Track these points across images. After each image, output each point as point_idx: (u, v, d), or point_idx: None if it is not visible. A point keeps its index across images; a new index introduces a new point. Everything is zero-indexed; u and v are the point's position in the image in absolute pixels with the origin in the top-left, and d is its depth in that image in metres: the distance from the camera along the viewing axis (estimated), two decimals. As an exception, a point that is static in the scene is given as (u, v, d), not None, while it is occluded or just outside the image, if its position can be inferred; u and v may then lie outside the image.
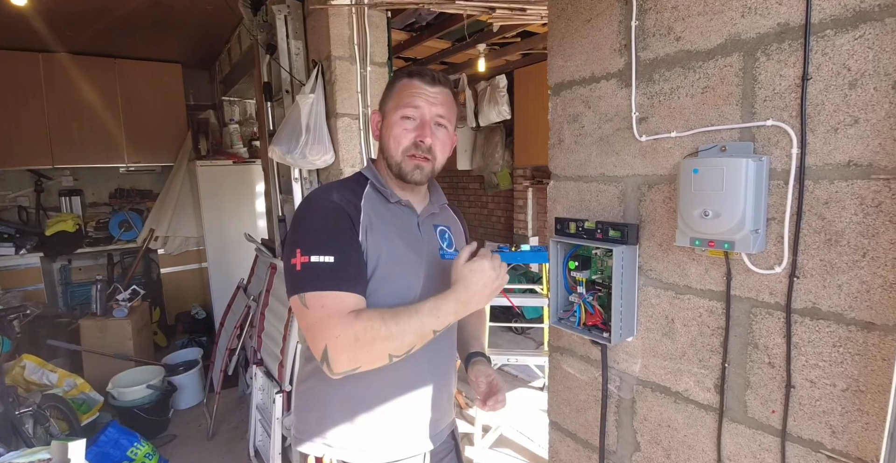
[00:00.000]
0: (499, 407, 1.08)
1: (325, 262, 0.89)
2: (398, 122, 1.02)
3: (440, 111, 1.03)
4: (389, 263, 0.98)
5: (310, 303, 0.88)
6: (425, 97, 1.01)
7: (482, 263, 0.92)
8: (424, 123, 1.01)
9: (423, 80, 1.02)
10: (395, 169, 1.04)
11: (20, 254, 4.06)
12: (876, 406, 0.74)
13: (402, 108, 1.01)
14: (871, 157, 0.71)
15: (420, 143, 1.01)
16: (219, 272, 4.20)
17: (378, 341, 0.85)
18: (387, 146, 1.04)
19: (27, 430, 2.23)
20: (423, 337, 0.90)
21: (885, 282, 0.71)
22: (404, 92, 1.02)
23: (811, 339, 0.80)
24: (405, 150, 1.02)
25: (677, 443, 1.03)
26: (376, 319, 0.86)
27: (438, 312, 0.89)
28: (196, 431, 3.05)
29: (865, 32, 0.70)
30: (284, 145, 2.16)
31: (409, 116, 1.01)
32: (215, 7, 3.30)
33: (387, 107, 1.06)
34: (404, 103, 1.01)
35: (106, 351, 3.34)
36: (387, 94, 1.08)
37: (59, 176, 4.61)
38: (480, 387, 1.10)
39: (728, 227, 0.82)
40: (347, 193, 1.02)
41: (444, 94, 1.04)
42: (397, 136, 1.02)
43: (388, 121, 1.04)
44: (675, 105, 0.95)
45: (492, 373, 1.13)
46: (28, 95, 4.06)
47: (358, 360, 0.87)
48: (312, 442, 1.04)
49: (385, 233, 1.00)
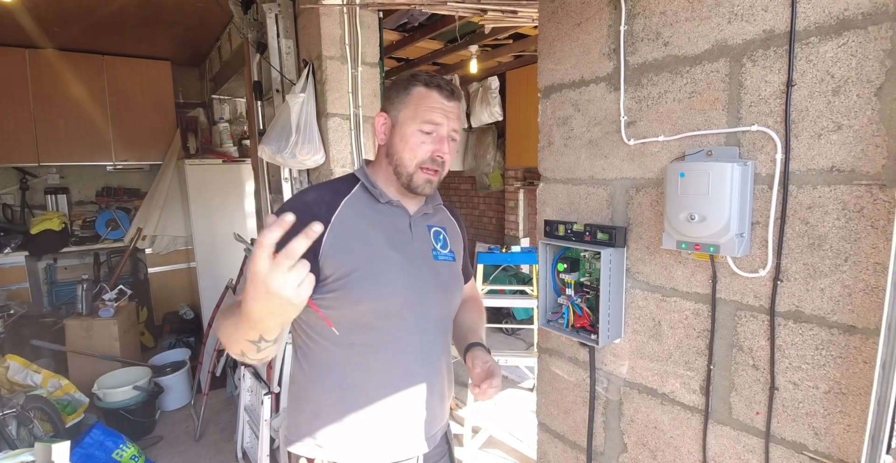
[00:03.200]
0: (492, 392, 1.03)
1: None
2: (415, 135, 1.01)
3: (455, 126, 1.04)
4: (367, 261, 0.97)
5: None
6: (444, 112, 1.02)
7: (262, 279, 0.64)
8: (442, 139, 1.02)
9: (442, 93, 1.02)
10: (404, 179, 1.03)
11: (4, 253, 3.99)
12: (857, 408, 0.75)
13: (422, 123, 1.01)
14: (853, 162, 0.72)
15: (437, 158, 1.02)
16: (207, 272, 4.16)
17: (223, 339, 0.83)
18: (399, 156, 1.03)
19: (10, 431, 2.20)
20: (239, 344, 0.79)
21: (866, 286, 0.72)
22: (423, 104, 1.02)
23: (794, 341, 0.81)
24: (420, 162, 1.02)
25: (663, 444, 1.03)
26: (221, 316, 0.85)
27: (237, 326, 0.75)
28: (183, 433, 3.02)
29: (849, 40, 0.71)
30: (274, 145, 2.14)
31: (429, 131, 1.01)
32: (205, 4, 3.27)
33: (401, 115, 1.04)
34: (424, 117, 1.01)
35: (91, 351, 3.30)
36: (399, 99, 1.05)
37: (44, 174, 4.54)
38: (476, 369, 1.08)
39: (714, 230, 0.83)
40: (327, 194, 1.02)
41: (458, 108, 1.05)
42: (414, 149, 1.01)
43: (402, 130, 1.03)
44: (663, 109, 0.95)
45: (489, 359, 1.10)
46: (14, 92, 4.00)
47: (229, 349, 0.85)
48: (304, 443, 1.04)
49: (365, 232, 1.00)
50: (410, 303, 1.01)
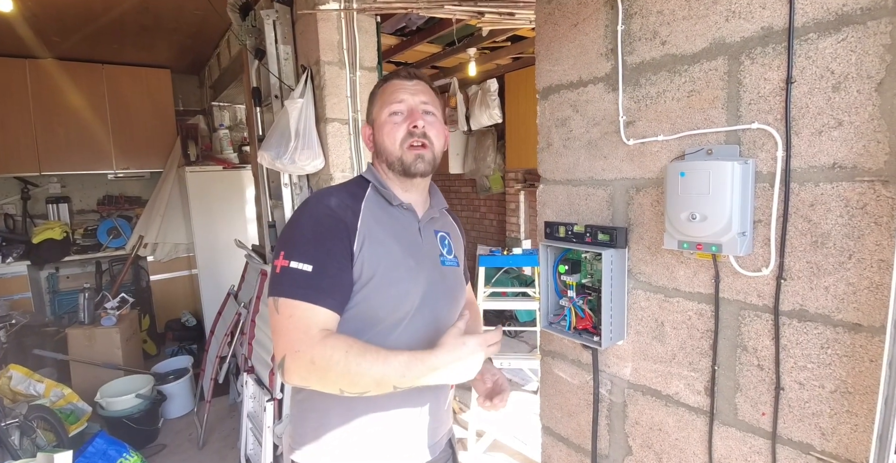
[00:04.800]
0: (500, 406, 1.08)
1: (303, 270, 0.89)
2: (388, 119, 1.03)
3: (423, 98, 1.05)
4: (387, 269, 0.97)
5: (281, 308, 0.88)
6: (406, 89, 1.04)
7: (477, 345, 0.85)
8: (413, 110, 1.03)
9: (400, 77, 1.06)
10: (396, 165, 1.03)
11: (6, 262, 4.00)
12: (864, 408, 0.74)
13: (388, 105, 1.03)
14: (855, 159, 0.72)
15: (413, 129, 1.02)
16: (209, 279, 4.16)
17: (332, 373, 0.82)
18: (383, 146, 1.04)
19: (13, 441, 2.19)
20: (380, 387, 0.83)
21: (871, 283, 0.71)
22: (386, 92, 1.05)
23: (799, 341, 0.80)
24: (402, 141, 1.02)
25: (669, 446, 1.02)
26: (339, 351, 0.82)
27: (407, 370, 0.82)
28: (186, 441, 3.01)
29: (848, 35, 0.70)
30: (274, 150, 2.14)
31: (397, 111, 1.03)
32: (204, 12, 3.28)
33: (374, 113, 1.07)
34: (388, 100, 1.04)
35: (94, 360, 3.30)
36: (371, 102, 1.10)
37: (46, 183, 4.55)
38: (486, 384, 1.10)
39: (715, 229, 0.83)
40: (347, 198, 1.01)
41: (422, 84, 1.06)
42: (391, 132, 1.03)
43: (378, 123, 1.05)
44: (662, 109, 0.95)
45: (497, 372, 1.13)
46: (14, 102, 4.01)
47: (308, 380, 0.85)
48: (309, 450, 1.03)
49: (383, 239, 0.99)
50: (421, 309, 1.01)
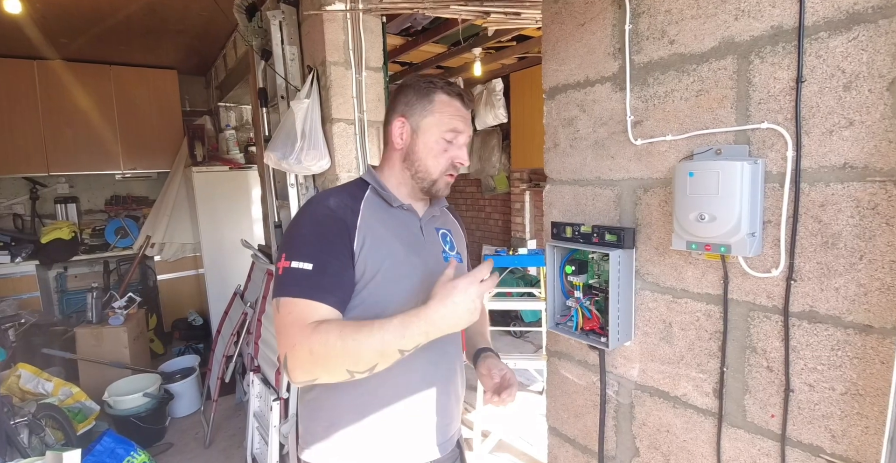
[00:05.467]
0: (509, 401, 1.08)
1: (303, 269, 0.90)
2: (440, 142, 1.04)
3: (471, 132, 1.09)
4: (391, 266, 0.98)
5: (281, 308, 0.89)
6: (464, 120, 1.06)
7: (468, 284, 0.84)
8: (462, 146, 1.06)
9: (463, 102, 1.06)
10: (426, 184, 1.06)
11: (15, 262, 4.03)
12: (875, 410, 0.73)
13: (446, 131, 1.04)
14: (866, 159, 0.71)
15: (460, 165, 1.06)
16: (215, 279, 4.18)
17: (333, 357, 0.82)
18: (423, 163, 1.05)
19: (22, 440, 2.21)
20: (386, 356, 0.83)
21: (882, 284, 0.71)
22: (447, 111, 1.04)
23: (809, 342, 0.79)
24: (444, 170, 1.05)
25: (676, 448, 1.02)
26: (333, 333, 0.82)
27: (405, 330, 0.82)
28: (193, 440, 3.03)
29: (859, 34, 0.70)
30: (280, 151, 2.15)
31: (451, 140, 1.04)
32: (210, 13, 3.30)
33: (423, 121, 1.04)
34: (448, 126, 1.04)
35: (102, 359, 3.32)
36: (421, 105, 1.05)
37: (54, 183, 4.59)
38: (494, 379, 1.10)
39: (724, 230, 0.82)
40: (346, 198, 1.02)
41: (471, 114, 1.10)
42: (437, 156, 1.04)
43: (425, 137, 1.04)
44: (670, 108, 0.94)
45: (504, 367, 1.14)
46: (23, 103, 4.05)
47: (313, 372, 0.85)
48: (320, 450, 1.03)
49: (385, 236, 1.00)
50: None
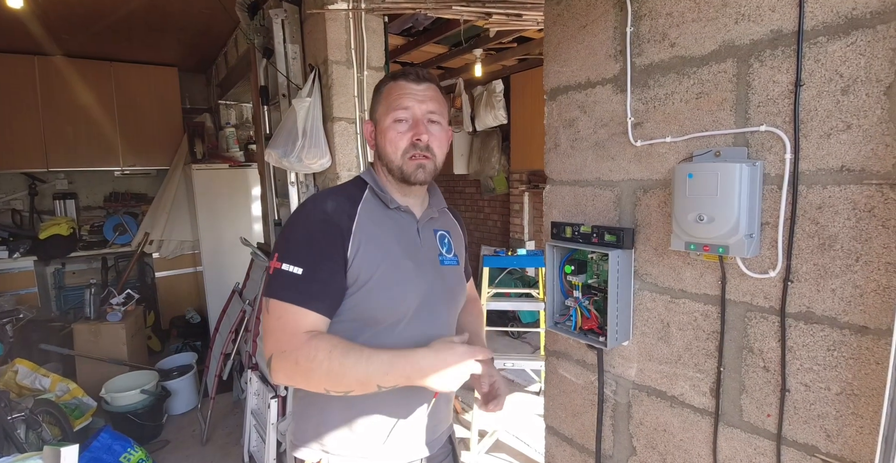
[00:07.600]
0: (497, 410, 1.10)
1: (293, 272, 0.91)
2: (391, 126, 1.01)
3: (431, 107, 1.02)
4: (385, 271, 0.97)
5: (271, 309, 0.91)
6: (413, 96, 1.01)
7: (465, 352, 0.88)
8: (417, 122, 1.01)
9: (408, 79, 1.02)
10: (396, 173, 1.03)
11: (13, 257, 4.02)
12: (870, 410, 0.74)
13: (393, 111, 1.01)
14: (863, 162, 0.72)
15: (417, 141, 1.00)
16: (214, 276, 4.18)
17: (315, 374, 0.85)
18: (384, 152, 1.03)
19: (19, 435, 2.21)
20: (363, 387, 0.86)
21: (878, 286, 0.72)
22: (392, 94, 1.02)
23: (805, 343, 0.80)
24: (404, 151, 1.01)
25: (673, 447, 1.03)
26: (322, 351, 0.85)
27: (391, 368, 0.85)
28: (190, 437, 3.02)
29: (857, 39, 0.71)
30: (281, 149, 2.15)
31: (402, 118, 1.01)
32: (212, 11, 3.30)
33: (377, 113, 1.05)
34: (394, 106, 1.01)
35: (99, 355, 3.32)
36: (375, 100, 1.07)
37: (53, 179, 4.58)
38: (483, 388, 1.11)
39: (722, 231, 0.83)
40: (344, 201, 1.01)
41: (431, 89, 1.03)
42: (393, 140, 1.01)
43: (381, 126, 1.04)
44: (670, 110, 0.95)
45: (495, 374, 1.13)
46: (23, 98, 4.04)
47: (294, 379, 0.89)
48: (310, 448, 1.04)
49: (381, 241, 0.99)
50: (419, 311, 1.01)
